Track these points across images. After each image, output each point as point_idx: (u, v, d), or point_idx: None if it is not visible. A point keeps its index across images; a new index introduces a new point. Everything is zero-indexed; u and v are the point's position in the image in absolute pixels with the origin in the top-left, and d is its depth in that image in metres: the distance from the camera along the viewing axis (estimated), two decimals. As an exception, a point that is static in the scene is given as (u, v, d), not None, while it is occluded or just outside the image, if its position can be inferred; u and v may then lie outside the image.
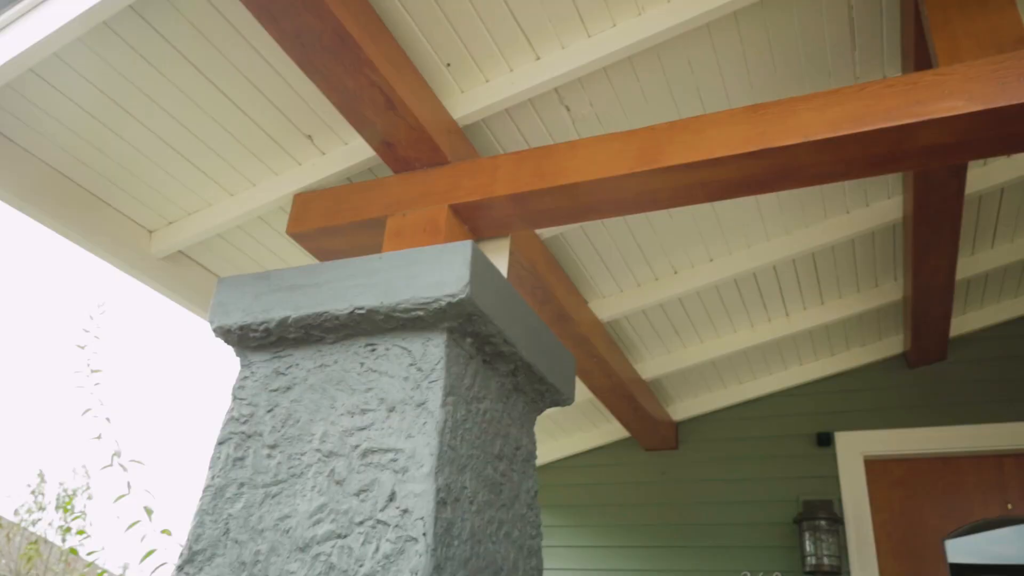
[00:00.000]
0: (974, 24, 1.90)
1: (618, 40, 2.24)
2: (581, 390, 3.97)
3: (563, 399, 2.15)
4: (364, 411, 1.67)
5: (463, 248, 1.69)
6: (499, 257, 2.29)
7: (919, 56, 2.28)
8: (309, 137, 2.39)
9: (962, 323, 4.00)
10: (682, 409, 4.35)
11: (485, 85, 2.35)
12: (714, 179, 1.99)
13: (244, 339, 1.81)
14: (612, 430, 4.43)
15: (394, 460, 1.58)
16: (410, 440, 1.60)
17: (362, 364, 1.73)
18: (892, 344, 4.08)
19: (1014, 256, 3.57)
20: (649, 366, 3.91)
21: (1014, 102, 1.70)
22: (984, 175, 3.03)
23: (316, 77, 1.97)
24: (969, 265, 3.59)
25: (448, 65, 2.26)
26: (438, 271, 1.70)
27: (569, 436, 4.51)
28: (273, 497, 1.61)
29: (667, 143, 1.98)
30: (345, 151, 2.43)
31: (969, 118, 1.75)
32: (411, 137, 2.17)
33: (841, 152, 1.87)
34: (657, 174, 1.99)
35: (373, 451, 1.61)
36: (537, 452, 4.55)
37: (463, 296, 1.65)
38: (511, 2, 2.14)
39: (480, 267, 1.72)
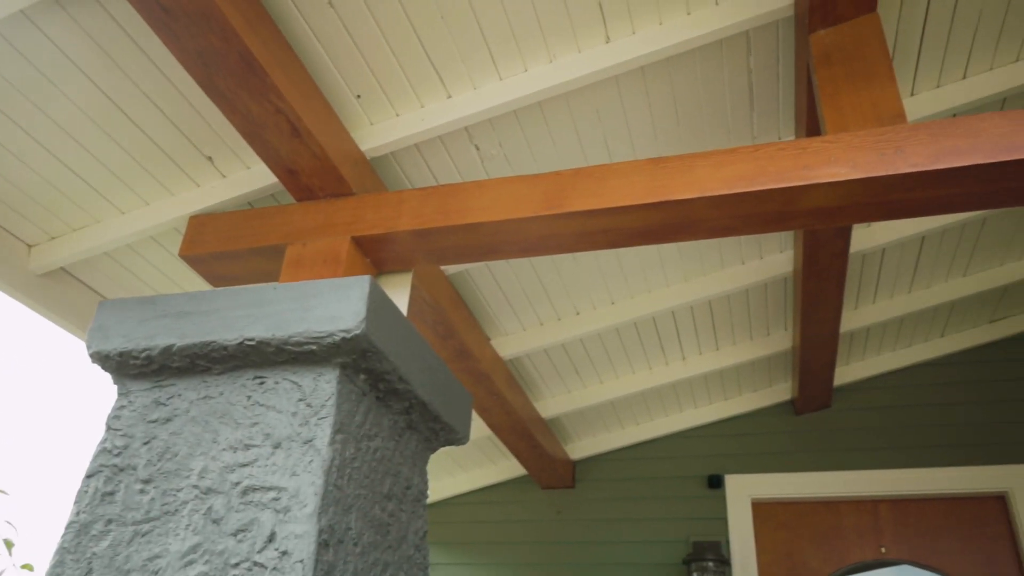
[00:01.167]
0: (859, 97, 2.02)
1: (529, 85, 2.28)
2: (480, 427, 3.96)
3: (458, 438, 2.13)
4: (248, 446, 1.61)
5: (360, 283, 1.67)
6: (400, 291, 2.27)
7: (810, 122, 2.41)
8: (209, 159, 2.33)
9: (845, 373, 4.20)
10: (580, 448, 4.39)
11: (395, 119, 2.34)
12: (615, 227, 2.03)
13: (123, 366, 1.73)
14: (510, 467, 4.42)
15: (276, 499, 1.53)
16: (294, 478, 1.55)
17: (249, 397, 1.67)
18: (781, 391, 4.24)
19: (893, 312, 3.78)
20: (549, 404, 3.93)
21: (891, 172, 1.82)
22: (867, 236, 3.21)
23: (219, 99, 1.92)
24: (853, 319, 3.78)
25: (358, 97, 2.25)
26: (334, 305, 1.67)
27: (466, 472, 4.48)
28: (143, 536, 1.53)
29: (571, 189, 2.02)
30: (247, 175, 2.37)
31: (851, 185, 1.85)
32: (315, 166, 2.14)
33: (735, 209, 1.94)
34: (560, 219, 2.02)
35: (254, 489, 1.55)
36: (433, 487, 4.49)
37: (358, 332, 1.62)
38: (425, 40, 2.15)
39: (377, 303, 1.69)
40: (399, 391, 1.82)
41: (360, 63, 2.16)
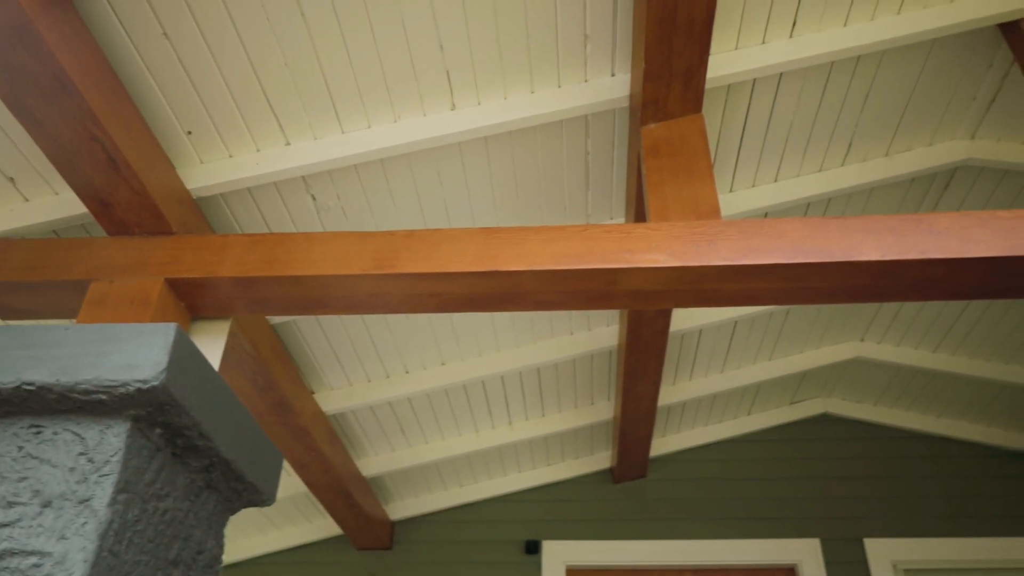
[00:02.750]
0: (681, 190, 2.16)
1: (372, 142, 2.27)
2: (296, 483, 3.79)
3: (263, 499, 2.01)
4: (12, 504, 1.44)
5: (165, 330, 1.56)
6: (215, 340, 2.15)
7: (638, 208, 2.54)
8: (11, 180, 2.13)
9: (662, 445, 4.38)
10: (401, 508, 4.29)
11: (228, 160, 2.25)
12: (444, 292, 2.04)
13: None
14: (325, 526, 4.24)
15: (37, 566, 1.37)
16: (62, 542, 1.40)
17: (20, 448, 1.50)
18: (601, 459, 4.36)
19: (708, 389, 4.01)
20: (372, 463, 3.83)
21: (704, 264, 1.94)
22: (686, 317, 3.41)
23: (26, 120, 1.77)
24: (671, 393, 3.97)
25: (189, 133, 2.15)
26: (132, 352, 1.54)
27: (278, 529, 4.25)
28: None
29: (403, 251, 2.01)
30: (54, 201, 2.19)
31: (668, 271, 1.96)
32: (132, 200, 2.01)
33: (560, 284, 2.00)
34: (389, 279, 2.00)
35: (13, 553, 1.38)
36: (241, 545, 4.22)
37: (156, 383, 1.50)
38: (265, 83, 2.10)
39: (182, 353, 1.59)
40: (199, 448, 1.70)
41: (194, 99, 2.08)
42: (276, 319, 2.80)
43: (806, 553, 4.04)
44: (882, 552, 4.02)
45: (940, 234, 1.95)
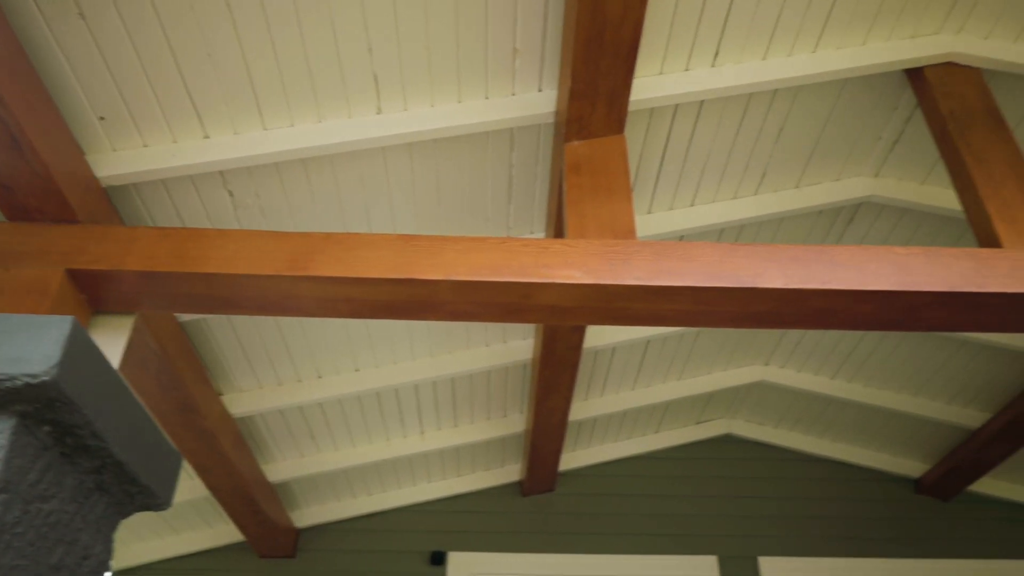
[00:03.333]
0: (600, 208, 2.20)
1: (294, 141, 2.24)
2: (198, 487, 3.66)
3: (158, 503, 1.94)
4: None
5: (60, 323, 1.49)
6: (117, 335, 2.07)
7: (558, 223, 2.58)
8: (-98, 156, 2.01)
9: (571, 459, 4.42)
10: (307, 516, 4.20)
11: (143, 149, 2.18)
12: (358, 297, 2.02)
13: None
14: (227, 532, 4.11)
15: (-96, 567, 1.28)
16: (-67, 543, 1.31)
17: None
18: (511, 472, 4.37)
19: (619, 406, 4.07)
20: (279, 468, 3.74)
21: (617, 282, 1.98)
22: (600, 333, 3.46)
23: (-79, 93, 1.68)
24: (581, 409, 4.02)
25: (102, 119, 2.07)
26: (22, 345, 1.47)
27: (177, 535, 4.10)
28: None
29: (319, 253, 1.98)
30: (-51, 181, 2.07)
31: (583, 288, 1.99)
32: (35, 185, 1.92)
33: (476, 295, 2.00)
34: (303, 282, 1.97)
35: None
36: (137, 549, 4.05)
37: (47, 379, 1.44)
38: (186, 73, 2.04)
39: (77, 348, 1.52)
40: (90, 448, 1.63)
41: (108, 84, 2.00)
42: (185, 317, 2.71)
43: (703, 570, 4.14)
44: (776, 571, 4.16)
45: (840, 266, 2.04)
